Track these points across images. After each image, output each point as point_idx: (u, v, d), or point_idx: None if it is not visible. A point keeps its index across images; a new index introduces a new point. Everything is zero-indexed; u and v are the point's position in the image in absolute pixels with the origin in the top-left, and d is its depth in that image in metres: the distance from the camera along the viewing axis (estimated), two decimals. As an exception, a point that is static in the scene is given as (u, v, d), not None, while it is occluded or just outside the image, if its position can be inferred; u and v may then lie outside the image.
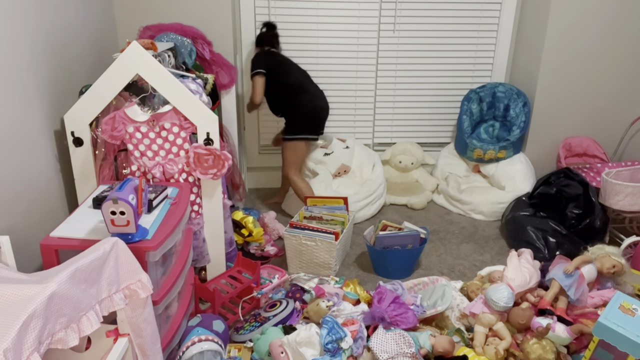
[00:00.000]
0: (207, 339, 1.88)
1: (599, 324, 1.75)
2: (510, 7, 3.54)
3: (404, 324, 2.02)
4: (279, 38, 3.25)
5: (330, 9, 3.44)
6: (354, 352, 1.96)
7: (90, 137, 2.06)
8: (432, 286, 2.35)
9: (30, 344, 1.04)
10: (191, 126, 2.12)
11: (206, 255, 2.35)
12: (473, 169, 3.70)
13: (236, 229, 2.78)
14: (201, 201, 2.24)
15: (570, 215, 2.88)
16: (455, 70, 3.70)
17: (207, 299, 2.24)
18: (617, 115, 3.47)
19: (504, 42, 3.63)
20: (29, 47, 1.92)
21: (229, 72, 2.93)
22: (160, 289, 1.72)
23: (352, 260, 2.85)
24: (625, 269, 2.30)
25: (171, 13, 2.89)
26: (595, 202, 2.85)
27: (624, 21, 3.24)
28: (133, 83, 2.06)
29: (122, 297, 1.39)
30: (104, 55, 2.62)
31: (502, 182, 3.43)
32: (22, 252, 1.76)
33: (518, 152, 3.53)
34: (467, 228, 3.24)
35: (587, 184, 2.91)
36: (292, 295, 2.35)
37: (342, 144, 3.60)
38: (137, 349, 1.51)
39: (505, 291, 2.10)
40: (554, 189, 3.00)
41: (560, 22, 3.22)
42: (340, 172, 3.54)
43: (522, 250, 2.44)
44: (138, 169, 2.12)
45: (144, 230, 1.64)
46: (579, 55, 3.31)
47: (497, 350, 1.98)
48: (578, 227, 2.85)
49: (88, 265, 1.27)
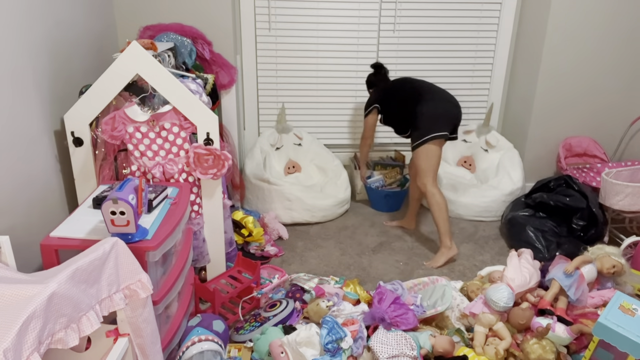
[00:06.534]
0: (207, 339, 1.88)
1: (599, 324, 1.75)
2: (510, 7, 3.54)
3: (404, 325, 2.02)
4: (388, 74, 3.15)
5: (330, 9, 3.44)
6: (354, 352, 1.96)
7: (90, 137, 2.06)
8: (432, 286, 2.35)
9: (30, 344, 1.04)
10: (191, 126, 2.12)
11: (206, 255, 2.35)
12: (458, 162, 3.73)
13: (236, 229, 2.78)
14: (201, 201, 2.24)
15: (576, 227, 2.89)
16: (455, 70, 3.70)
17: (207, 299, 2.24)
18: (617, 115, 3.47)
19: (504, 42, 3.63)
20: (29, 47, 1.92)
21: (229, 72, 2.93)
22: (160, 289, 1.72)
23: (352, 260, 2.85)
24: (625, 269, 2.30)
25: (171, 13, 2.89)
26: (598, 214, 2.86)
27: (624, 21, 3.24)
28: (133, 83, 2.06)
29: (122, 297, 1.39)
30: (104, 55, 2.62)
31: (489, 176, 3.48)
32: (22, 252, 1.76)
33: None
34: (467, 228, 3.24)
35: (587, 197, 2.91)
36: (292, 295, 2.35)
37: (295, 139, 3.64)
38: (137, 349, 1.51)
39: (505, 291, 2.10)
40: (552, 201, 2.98)
41: (560, 22, 3.22)
42: (289, 168, 3.59)
43: (522, 251, 2.44)
44: (138, 169, 2.12)
45: (144, 230, 1.64)
46: (579, 55, 3.31)
47: (497, 351, 1.98)
48: (585, 238, 2.86)
49: (88, 265, 1.27)
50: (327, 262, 2.82)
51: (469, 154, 3.74)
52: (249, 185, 3.26)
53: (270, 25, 3.43)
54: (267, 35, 3.46)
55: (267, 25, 3.43)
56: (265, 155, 3.46)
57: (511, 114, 3.76)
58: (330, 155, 3.61)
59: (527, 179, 3.42)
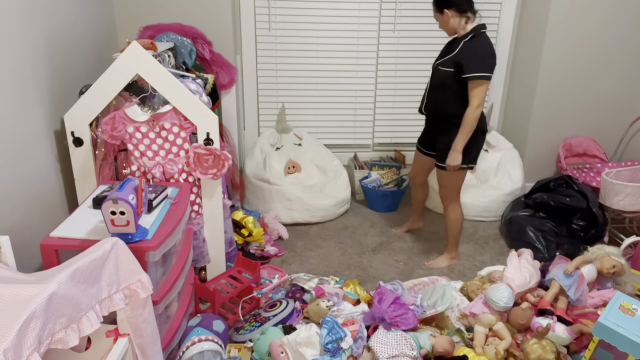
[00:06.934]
0: (207, 339, 1.88)
1: (599, 324, 1.75)
2: (510, 7, 3.54)
3: (404, 325, 2.02)
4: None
5: (330, 9, 3.44)
6: (354, 352, 1.96)
7: (90, 137, 2.06)
8: (432, 286, 2.35)
9: (30, 344, 1.04)
10: (191, 126, 2.12)
11: (206, 255, 2.35)
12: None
13: (236, 229, 2.78)
14: (201, 201, 2.24)
15: (576, 227, 2.90)
16: (455, 70, 3.70)
17: (207, 299, 2.24)
18: (617, 115, 3.47)
19: (504, 42, 3.63)
20: (29, 47, 1.92)
21: (229, 72, 2.93)
22: (160, 289, 1.72)
23: (352, 260, 2.85)
24: (625, 269, 2.30)
25: (171, 13, 2.89)
26: (598, 214, 2.86)
27: (624, 21, 3.24)
28: (133, 83, 2.06)
29: (122, 297, 1.39)
30: (104, 55, 2.62)
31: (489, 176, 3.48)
32: (22, 252, 1.76)
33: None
34: (467, 228, 3.24)
35: (587, 197, 2.91)
36: (292, 295, 2.35)
37: (295, 139, 3.64)
38: (137, 349, 1.51)
39: (505, 291, 2.10)
40: (553, 201, 2.99)
41: (560, 22, 3.22)
42: (289, 168, 3.58)
43: (522, 251, 2.44)
44: (138, 169, 2.12)
45: (144, 230, 1.64)
46: (579, 55, 3.31)
47: (497, 351, 1.98)
48: (585, 238, 2.87)
49: (88, 265, 1.27)
50: (327, 262, 2.82)
51: (469, 154, 3.74)
52: (249, 185, 3.26)
53: (270, 25, 3.43)
54: (267, 35, 3.45)
55: (267, 25, 3.43)
56: (265, 155, 3.46)
57: (511, 114, 3.76)
58: (330, 155, 3.61)
59: (527, 179, 3.42)
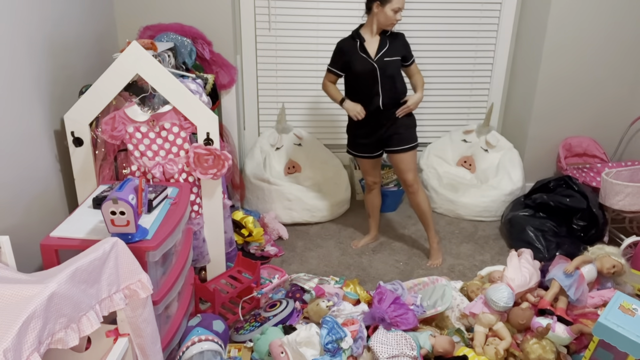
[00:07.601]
0: (207, 339, 1.88)
1: (599, 324, 1.75)
2: (510, 7, 3.54)
3: (404, 325, 2.02)
4: None
5: (330, 9, 3.44)
6: (354, 352, 1.96)
7: (90, 137, 2.06)
8: (432, 286, 2.35)
9: (30, 344, 1.04)
10: (191, 126, 2.12)
11: (206, 255, 2.35)
12: (458, 162, 3.73)
13: (236, 229, 2.78)
14: (201, 201, 2.24)
15: (576, 227, 2.90)
16: (456, 70, 3.69)
17: (207, 299, 2.24)
18: (617, 115, 3.47)
19: (504, 42, 3.63)
20: (29, 47, 1.92)
21: (229, 72, 2.93)
22: (160, 289, 1.72)
23: (352, 260, 2.85)
24: (625, 269, 2.30)
25: (171, 13, 2.89)
26: (598, 214, 2.86)
27: (624, 21, 3.24)
28: (133, 83, 2.06)
29: (122, 297, 1.39)
30: (104, 55, 2.62)
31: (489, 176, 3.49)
32: (22, 252, 1.76)
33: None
34: (467, 228, 3.24)
35: (587, 197, 2.91)
36: (292, 295, 2.35)
37: (295, 139, 3.64)
38: (137, 349, 1.51)
39: (505, 291, 2.10)
40: (553, 201, 2.98)
41: (560, 22, 3.22)
42: (289, 168, 3.58)
43: (522, 251, 2.44)
44: (138, 169, 2.12)
45: (144, 230, 1.64)
46: (579, 55, 3.31)
47: (497, 351, 1.98)
48: (585, 238, 2.86)
49: (88, 265, 1.27)
50: (327, 262, 2.82)
51: (469, 154, 3.74)
52: (249, 185, 3.26)
53: (270, 25, 3.43)
54: (267, 35, 3.45)
55: (267, 25, 3.43)
56: (265, 155, 3.46)
57: (511, 114, 3.76)
58: (330, 155, 3.61)
59: (527, 179, 3.42)
